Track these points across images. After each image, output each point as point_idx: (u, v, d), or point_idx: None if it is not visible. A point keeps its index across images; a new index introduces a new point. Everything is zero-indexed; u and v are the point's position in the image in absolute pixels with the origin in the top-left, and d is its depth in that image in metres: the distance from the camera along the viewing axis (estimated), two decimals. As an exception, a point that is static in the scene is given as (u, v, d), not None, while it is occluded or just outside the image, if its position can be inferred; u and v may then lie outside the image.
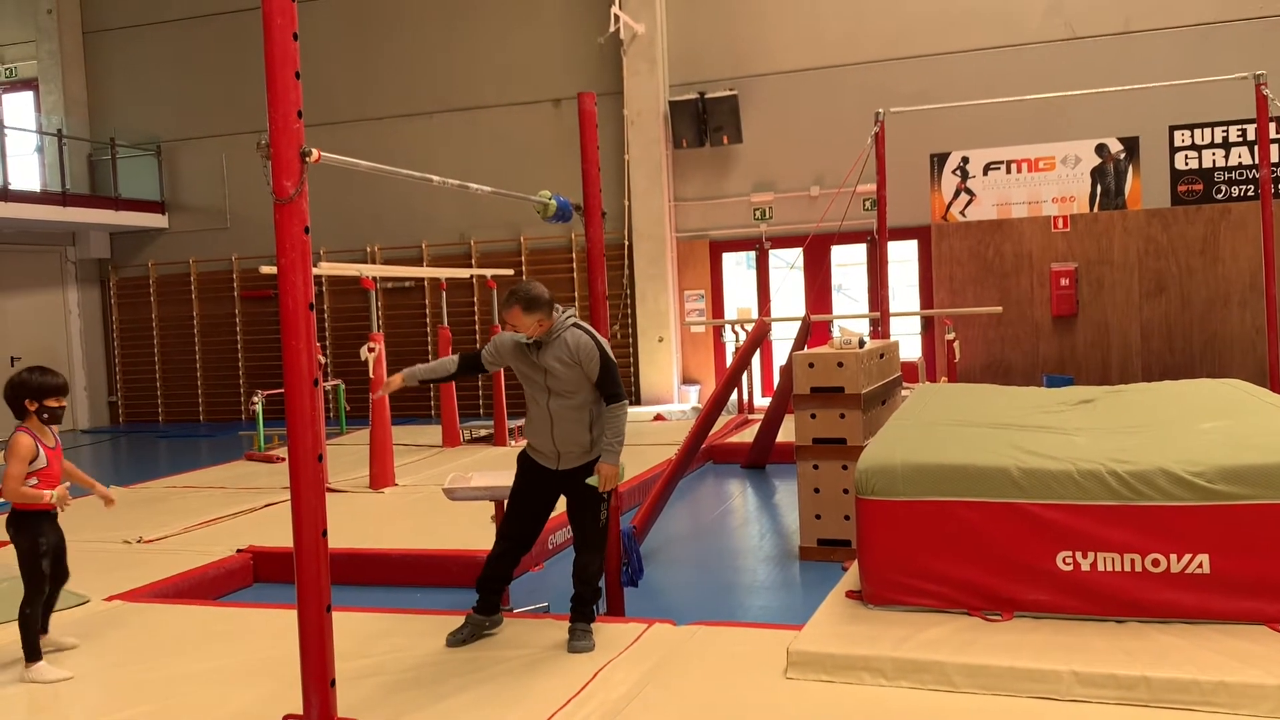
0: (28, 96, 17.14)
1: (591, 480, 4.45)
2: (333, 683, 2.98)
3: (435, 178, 4.04)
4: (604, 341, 4.51)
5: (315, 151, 3.03)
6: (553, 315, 4.42)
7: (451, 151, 14.38)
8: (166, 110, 16.00)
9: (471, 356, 4.69)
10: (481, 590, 4.62)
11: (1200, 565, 4.04)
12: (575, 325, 4.49)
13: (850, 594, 4.60)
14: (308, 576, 2.95)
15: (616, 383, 4.46)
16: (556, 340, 4.43)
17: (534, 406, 4.53)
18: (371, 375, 8.80)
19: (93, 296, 16.58)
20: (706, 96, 13.37)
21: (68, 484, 4.58)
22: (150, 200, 15.98)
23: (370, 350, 8.77)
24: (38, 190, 14.93)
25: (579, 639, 4.41)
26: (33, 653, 4.43)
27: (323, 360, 12.68)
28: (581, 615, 4.50)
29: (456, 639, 4.53)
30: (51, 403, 4.50)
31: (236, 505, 7.96)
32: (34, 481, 4.40)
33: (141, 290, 16.32)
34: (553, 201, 4.93)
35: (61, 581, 4.66)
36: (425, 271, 13.20)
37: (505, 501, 5.17)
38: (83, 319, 16.43)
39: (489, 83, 14.52)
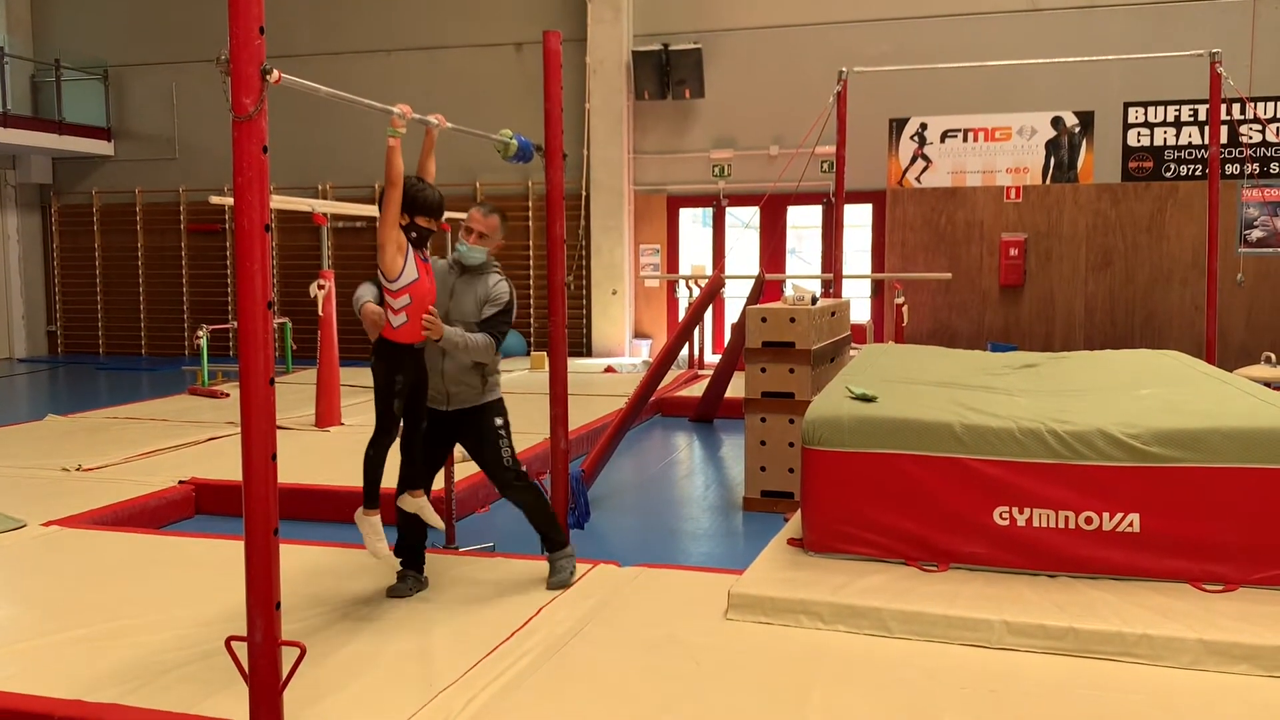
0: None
1: (428, 321, 4.07)
2: (278, 605, 2.98)
3: (395, 109, 3.98)
4: (512, 295, 4.44)
5: (276, 71, 2.97)
6: (494, 246, 4.43)
7: (410, 90, 14.09)
8: (114, 34, 15.53)
9: None
10: (402, 546, 4.49)
11: (1131, 524, 4.17)
12: (497, 269, 4.47)
13: (792, 541, 4.68)
14: (256, 498, 2.93)
15: (501, 328, 4.31)
16: (481, 275, 4.40)
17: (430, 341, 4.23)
18: (320, 313, 8.70)
19: (33, 222, 16.15)
20: (670, 48, 13.27)
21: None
22: (95, 126, 15.54)
23: (320, 288, 8.66)
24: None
25: (555, 572, 4.44)
26: (370, 499, 4.12)
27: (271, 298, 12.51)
28: (549, 544, 4.51)
29: (399, 592, 4.37)
30: (421, 221, 4.13)
31: (178, 438, 7.87)
32: (405, 300, 4.00)
33: (84, 218, 15.93)
34: (514, 141, 4.89)
35: (413, 431, 4.24)
36: (376, 210, 13.01)
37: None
38: (22, 245, 16.01)
39: (451, 22, 14.28)
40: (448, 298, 4.37)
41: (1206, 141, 11.74)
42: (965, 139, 12.83)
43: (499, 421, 4.46)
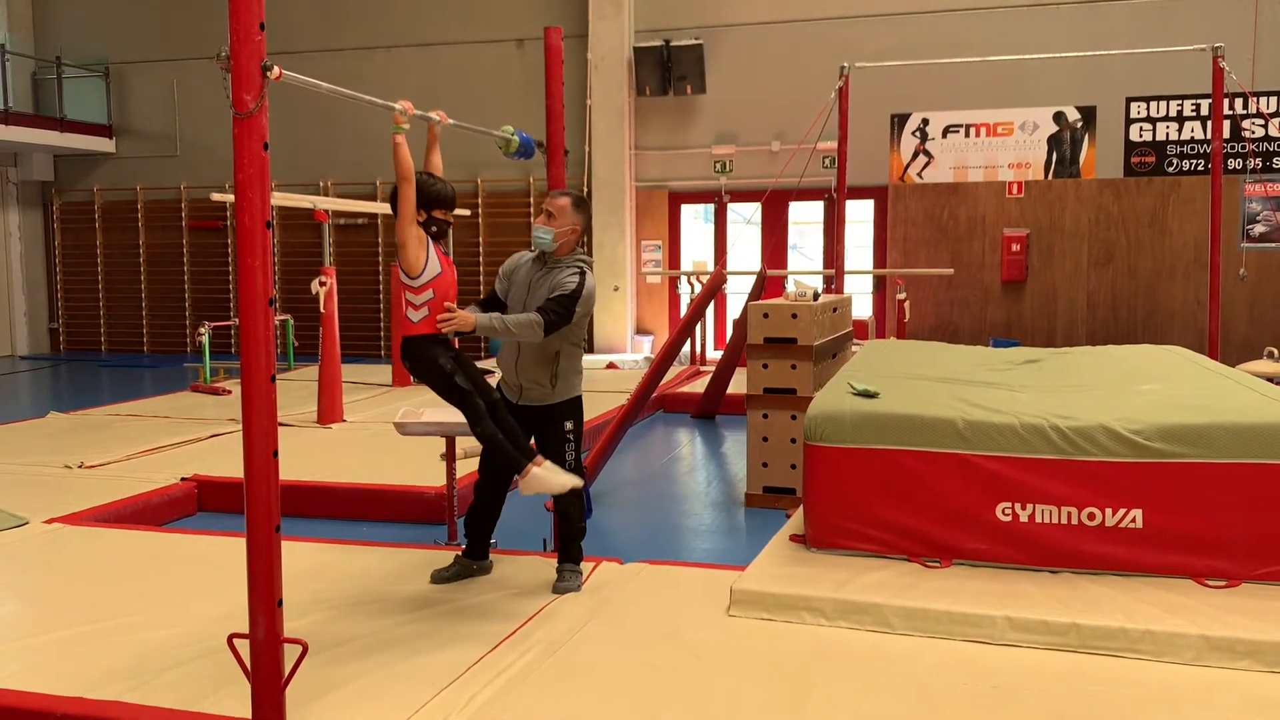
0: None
1: (442, 319, 4.01)
2: (279, 602, 2.98)
3: (396, 105, 3.97)
4: (588, 286, 4.28)
5: (276, 68, 2.97)
6: (580, 236, 4.34)
7: (411, 87, 14.10)
8: (116, 31, 15.51)
9: (488, 299, 4.44)
10: (468, 533, 4.58)
11: (1134, 520, 4.17)
12: (582, 262, 4.34)
13: (794, 538, 4.68)
14: (257, 495, 2.93)
15: (556, 309, 4.14)
16: (559, 268, 4.30)
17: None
18: (322, 310, 8.71)
19: (35, 219, 16.14)
20: (672, 44, 13.25)
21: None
22: (97, 123, 15.53)
23: (322, 284, 8.67)
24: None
25: (563, 579, 4.39)
26: (522, 457, 4.03)
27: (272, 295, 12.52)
28: (566, 555, 4.47)
29: (441, 576, 4.48)
30: (438, 214, 4.06)
31: (181, 435, 7.86)
32: (429, 295, 3.96)
33: (86, 216, 15.92)
34: (515, 137, 4.88)
35: (488, 393, 4.14)
36: (379, 207, 13.01)
37: (456, 439, 5.20)
38: (24, 242, 16.01)
39: (452, 19, 14.27)
40: (525, 292, 4.33)
41: (1209, 136, 11.71)
42: (967, 134, 12.81)
43: (568, 425, 4.39)
